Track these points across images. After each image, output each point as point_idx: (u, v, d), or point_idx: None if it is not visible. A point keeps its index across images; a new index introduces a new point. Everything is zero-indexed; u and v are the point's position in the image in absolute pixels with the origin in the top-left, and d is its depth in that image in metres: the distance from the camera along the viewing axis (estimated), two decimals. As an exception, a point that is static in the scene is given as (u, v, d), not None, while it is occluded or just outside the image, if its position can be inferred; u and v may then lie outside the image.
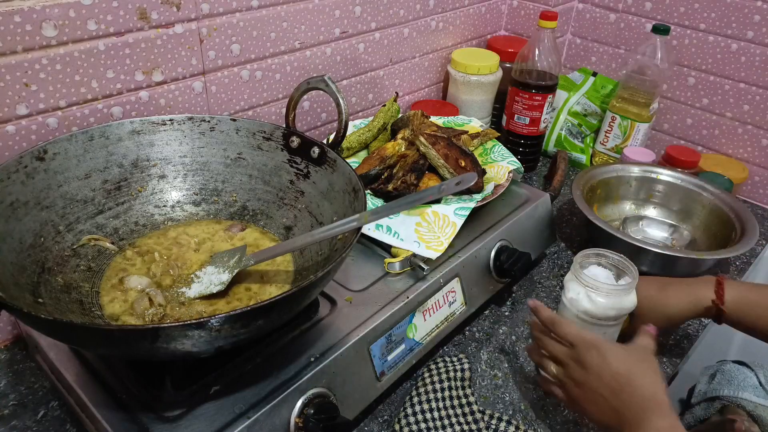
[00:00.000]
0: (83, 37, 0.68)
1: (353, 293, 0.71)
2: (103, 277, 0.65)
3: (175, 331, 0.46)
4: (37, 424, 0.65)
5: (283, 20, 0.87)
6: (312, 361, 0.61)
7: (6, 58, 0.63)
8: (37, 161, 0.63)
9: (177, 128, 0.73)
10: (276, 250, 0.64)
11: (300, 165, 0.72)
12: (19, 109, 0.66)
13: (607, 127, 1.17)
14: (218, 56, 0.81)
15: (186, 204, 0.74)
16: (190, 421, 0.55)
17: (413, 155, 0.83)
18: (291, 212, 0.72)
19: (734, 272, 0.97)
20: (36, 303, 0.55)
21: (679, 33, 1.15)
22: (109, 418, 0.55)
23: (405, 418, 0.67)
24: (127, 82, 0.74)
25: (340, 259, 0.53)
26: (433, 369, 0.73)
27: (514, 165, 0.90)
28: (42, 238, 0.62)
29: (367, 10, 0.97)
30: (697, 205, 1.01)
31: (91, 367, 0.61)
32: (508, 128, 1.14)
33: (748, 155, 1.15)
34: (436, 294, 0.74)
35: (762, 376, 1.05)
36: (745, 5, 1.07)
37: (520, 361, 0.78)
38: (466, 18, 1.18)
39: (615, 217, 1.05)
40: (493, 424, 0.68)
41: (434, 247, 0.74)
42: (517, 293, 0.89)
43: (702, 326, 0.86)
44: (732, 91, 1.13)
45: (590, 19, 1.27)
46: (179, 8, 0.75)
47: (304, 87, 0.71)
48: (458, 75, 1.13)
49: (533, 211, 0.89)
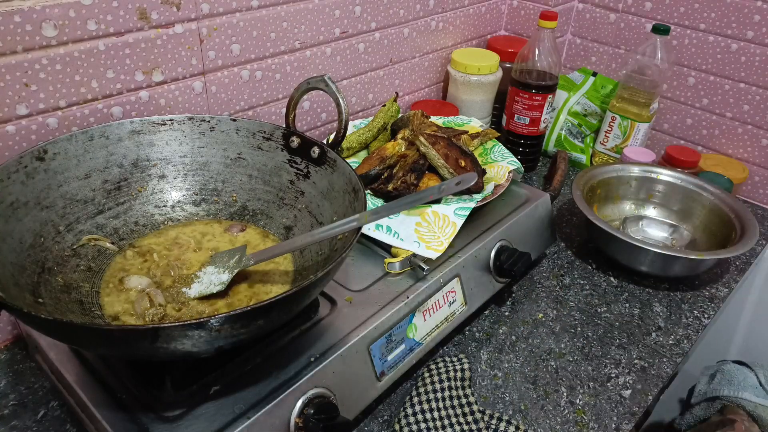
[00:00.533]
0: (83, 37, 0.68)
1: (353, 293, 0.71)
2: (103, 277, 0.65)
3: (175, 331, 0.46)
4: (37, 424, 0.65)
5: (283, 20, 0.87)
6: (312, 361, 0.61)
7: (6, 58, 0.63)
8: (37, 161, 0.63)
9: (177, 128, 0.73)
10: (276, 250, 0.64)
11: (300, 165, 0.72)
12: (19, 109, 0.66)
13: (607, 127, 1.17)
14: (218, 56, 0.81)
15: (186, 204, 0.74)
16: (190, 421, 0.55)
17: (413, 155, 0.83)
18: (291, 212, 0.72)
19: (734, 272, 0.98)
20: (36, 303, 0.55)
21: (679, 33, 1.15)
22: (109, 418, 0.55)
23: (405, 418, 0.67)
24: (127, 82, 0.74)
25: (340, 259, 0.53)
26: (433, 369, 0.73)
27: (514, 165, 0.90)
28: (42, 238, 0.62)
29: (367, 10, 0.97)
30: (697, 205, 1.01)
31: (91, 367, 0.61)
32: (508, 128, 1.14)
33: (748, 155, 1.15)
34: (436, 294, 0.74)
35: (762, 376, 1.06)
36: (745, 5, 1.07)
37: (520, 361, 0.78)
38: (466, 18, 1.18)
39: (615, 217, 1.05)
40: (493, 424, 0.68)
41: (434, 247, 0.74)
42: (517, 293, 0.89)
43: (702, 326, 0.86)
44: (732, 91, 1.13)
45: (590, 19, 1.27)
46: (179, 8, 0.75)
47: (304, 87, 0.71)
48: (458, 75, 1.13)
49: (533, 211, 0.89)
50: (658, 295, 0.91)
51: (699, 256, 0.86)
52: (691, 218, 1.01)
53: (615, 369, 0.78)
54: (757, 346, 1.27)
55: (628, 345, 0.82)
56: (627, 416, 0.72)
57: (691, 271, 0.93)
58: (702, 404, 1.08)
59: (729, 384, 1.05)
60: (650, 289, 0.92)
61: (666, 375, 0.78)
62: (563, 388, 0.75)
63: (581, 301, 0.89)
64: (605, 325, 0.85)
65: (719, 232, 0.96)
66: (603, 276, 0.94)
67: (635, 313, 0.87)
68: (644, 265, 0.91)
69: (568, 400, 0.73)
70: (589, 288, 0.92)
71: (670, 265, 0.90)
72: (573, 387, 0.75)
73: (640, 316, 0.87)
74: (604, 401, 0.74)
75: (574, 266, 0.96)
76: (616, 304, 0.89)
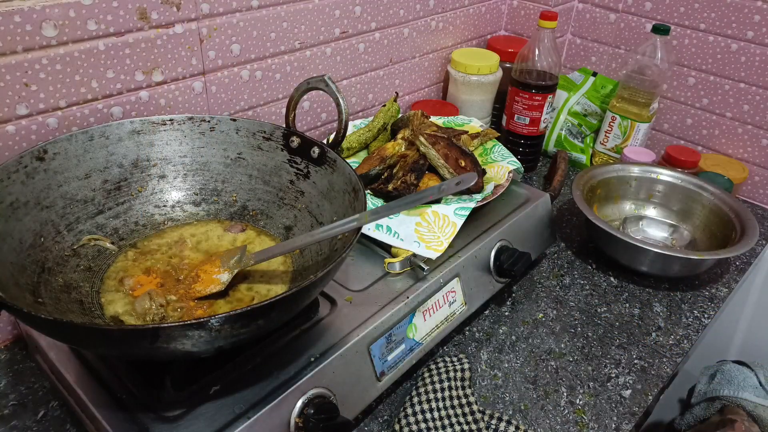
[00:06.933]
0: (83, 37, 0.68)
1: (353, 293, 0.71)
2: (103, 277, 0.65)
3: (175, 331, 0.46)
4: (37, 424, 0.65)
5: (283, 20, 0.87)
6: (312, 361, 0.61)
7: (6, 58, 0.63)
8: (37, 161, 0.63)
9: (177, 128, 0.73)
10: (276, 250, 0.64)
11: (300, 165, 0.72)
12: (19, 109, 0.66)
13: (607, 127, 1.17)
14: (218, 56, 0.81)
15: (186, 204, 0.74)
16: (190, 421, 0.55)
17: (413, 155, 0.83)
18: (291, 212, 0.72)
19: (734, 272, 0.98)
20: (36, 303, 0.55)
21: (679, 33, 1.15)
22: (109, 418, 0.55)
23: (405, 418, 0.67)
24: (127, 82, 0.74)
25: (340, 259, 0.53)
26: (433, 369, 0.73)
27: (514, 165, 0.90)
28: (42, 238, 0.62)
29: (367, 10, 0.97)
30: (697, 205, 1.01)
31: (91, 367, 0.61)
32: (508, 128, 1.14)
33: (748, 155, 1.15)
34: (436, 294, 0.74)
35: (762, 376, 1.06)
36: (745, 5, 1.07)
37: (520, 361, 0.78)
38: (466, 18, 1.18)
39: (615, 217, 1.05)
40: (493, 424, 0.68)
41: (434, 247, 0.74)
42: (517, 293, 0.89)
43: (702, 326, 0.86)
44: (732, 91, 1.13)
45: (590, 19, 1.27)
46: (179, 8, 0.75)
47: (304, 87, 0.71)
48: (458, 75, 1.13)
49: (533, 211, 0.89)
50: (658, 295, 0.91)
51: (699, 256, 0.86)
52: (691, 218, 1.01)
53: (615, 369, 0.78)
54: (757, 346, 1.27)
55: (628, 345, 0.82)
56: (627, 416, 0.72)
57: (691, 271, 0.93)
58: (702, 404, 1.08)
59: (729, 384, 1.05)
60: (650, 289, 0.92)
61: (666, 375, 0.78)
62: (563, 388, 0.75)
63: (581, 301, 0.89)
64: (605, 325, 0.85)
65: (719, 232, 0.96)
66: (603, 276, 0.94)
67: (635, 313, 0.87)
68: (644, 265, 0.91)
69: (568, 400, 0.73)
70: (589, 288, 0.92)
71: (670, 265, 0.90)
72: (573, 387, 0.75)
73: (640, 316, 0.87)
74: (604, 401, 0.74)
75: (574, 266, 0.96)
76: (616, 304, 0.89)
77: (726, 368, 1.09)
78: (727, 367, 1.09)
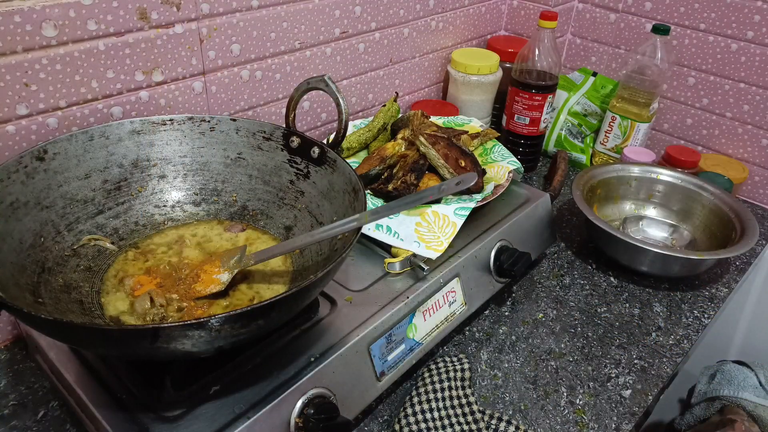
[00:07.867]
0: (83, 37, 0.68)
1: (353, 293, 0.71)
2: (103, 277, 0.65)
3: (175, 331, 0.46)
4: (37, 424, 0.65)
5: (283, 20, 0.87)
6: (312, 361, 0.61)
7: (6, 58, 0.63)
8: (37, 161, 0.63)
9: (177, 128, 0.73)
10: (276, 250, 0.64)
11: (300, 165, 0.72)
12: (19, 109, 0.66)
13: (607, 127, 1.17)
14: (218, 56, 0.81)
15: (186, 204, 0.74)
16: (190, 421, 0.55)
17: (413, 155, 0.83)
18: (291, 212, 0.72)
19: (734, 272, 0.98)
20: (36, 303, 0.55)
21: (679, 33, 1.15)
22: (109, 418, 0.55)
23: (405, 418, 0.67)
24: (127, 82, 0.74)
25: (340, 259, 0.53)
26: (433, 369, 0.73)
27: (514, 165, 0.90)
28: (42, 238, 0.62)
29: (367, 10, 0.97)
30: (697, 205, 1.01)
31: (91, 367, 0.61)
32: (508, 128, 1.14)
33: (748, 155, 1.15)
34: (436, 294, 0.74)
35: (762, 376, 1.06)
36: (745, 5, 1.07)
37: (520, 361, 0.78)
38: (466, 18, 1.18)
39: (615, 217, 1.05)
40: (493, 424, 0.68)
41: (434, 247, 0.74)
42: (517, 293, 0.89)
43: (702, 326, 0.86)
44: (732, 91, 1.13)
45: (590, 19, 1.27)
46: (179, 8, 0.75)
47: (304, 87, 0.71)
48: (458, 75, 1.13)
49: (533, 211, 0.89)
50: (658, 295, 0.91)
51: (699, 256, 0.86)
52: (691, 218, 1.01)
53: (615, 369, 0.78)
54: (757, 346, 1.27)
55: (628, 345, 0.82)
56: (627, 416, 0.72)
57: (691, 271, 0.93)
58: (702, 404, 1.08)
59: (729, 384, 1.05)
60: (650, 289, 0.92)
61: (666, 375, 0.78)
62: (563, 388, 0.75)
63: (581, 301, 0.89)
64: (605, 325, 0.85)
65: (719, 232, 0.96)
66: (603, 276, 0.94)
67: (635, 313, 0.87)
68: (644, 265, 0.91)
69: (568, 400, 0.73)
70: (589, 288, 0.92)
71: (670, 265, 0.90)
72: (573, 387, 0.75)
73: (640, 316, 0.87)
74: (604, 401, 0.74)
75: (574, 266, 0.96)
76: (616, 304, 0.89)
77: (726, 368, 1.09)
78: (727, 367, 1.09)
